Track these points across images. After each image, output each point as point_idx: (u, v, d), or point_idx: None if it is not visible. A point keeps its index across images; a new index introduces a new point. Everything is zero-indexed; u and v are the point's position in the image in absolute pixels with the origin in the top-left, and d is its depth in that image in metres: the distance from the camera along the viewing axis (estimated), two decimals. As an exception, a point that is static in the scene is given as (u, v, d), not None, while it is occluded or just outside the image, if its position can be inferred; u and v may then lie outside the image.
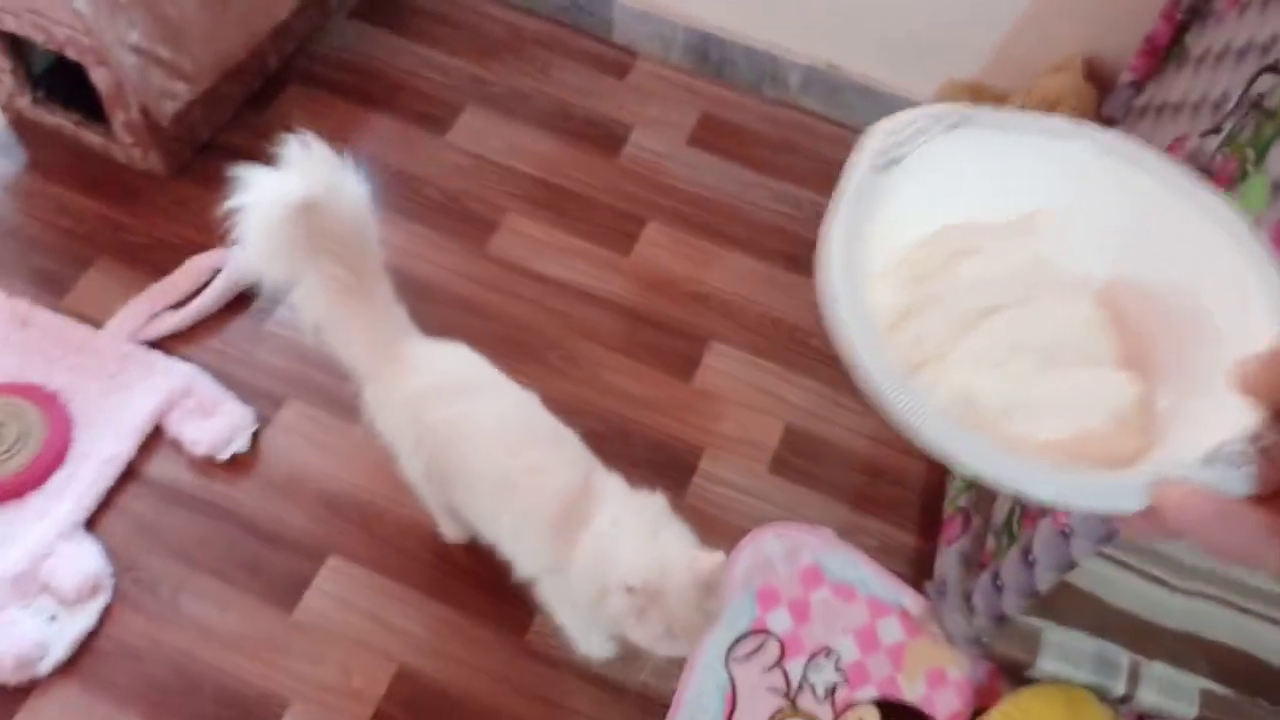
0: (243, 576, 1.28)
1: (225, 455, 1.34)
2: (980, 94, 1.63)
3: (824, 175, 1.76)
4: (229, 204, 0.94)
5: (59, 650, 1.19)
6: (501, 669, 1.26)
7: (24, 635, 1.17)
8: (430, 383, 1.07)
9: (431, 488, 1.18)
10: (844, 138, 1.81)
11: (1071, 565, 1.06)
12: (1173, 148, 1.18)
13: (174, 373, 1.39)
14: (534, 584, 1.16)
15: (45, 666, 1.18)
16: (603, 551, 0.98)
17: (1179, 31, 1.38)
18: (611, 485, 1.07)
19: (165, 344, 1.44)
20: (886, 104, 1.75)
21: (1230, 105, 1.02)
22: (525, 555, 1.11)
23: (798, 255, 1.66)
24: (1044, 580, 1.11)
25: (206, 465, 1.35)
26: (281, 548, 1.31)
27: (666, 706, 1.25)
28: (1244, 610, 1.06)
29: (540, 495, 1.03)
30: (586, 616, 1.09)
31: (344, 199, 0.99)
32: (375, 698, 1.22)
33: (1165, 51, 1.38)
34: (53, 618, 1.21)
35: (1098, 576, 1.10)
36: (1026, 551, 1.12)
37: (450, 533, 1.31)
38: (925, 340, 0.39)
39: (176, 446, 1.36)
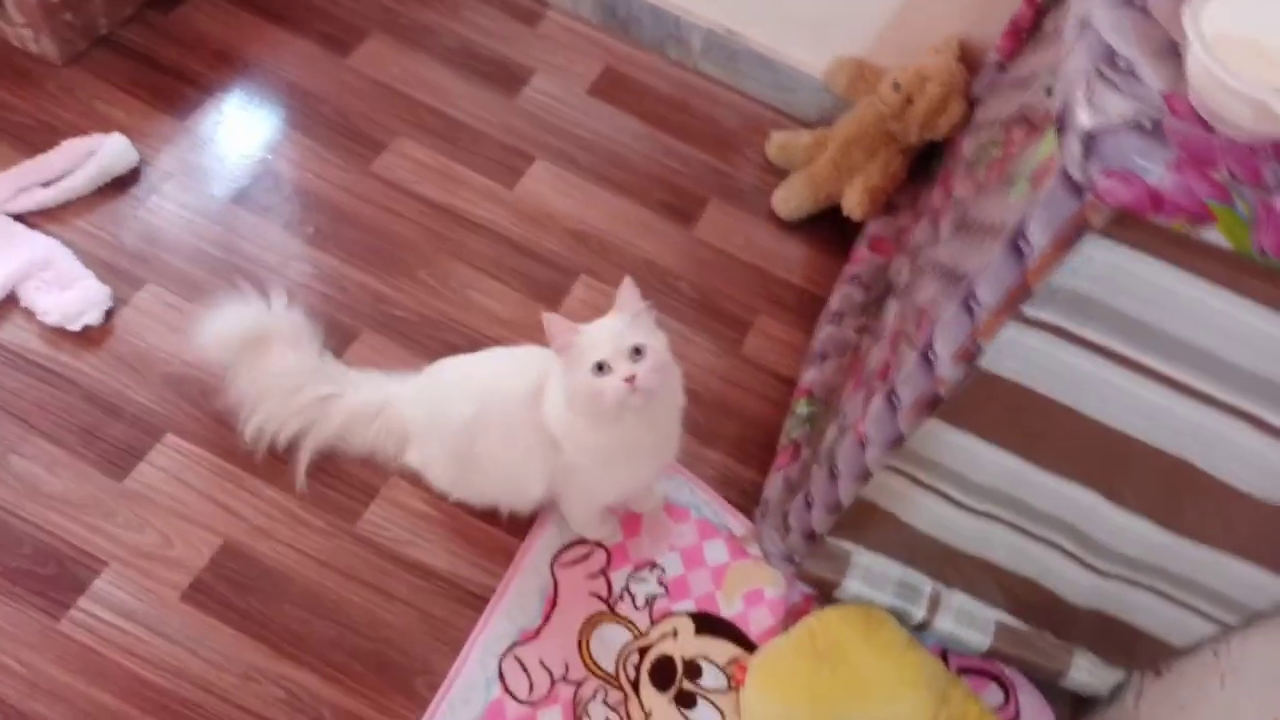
0: (77, 443, 1.29)
1: (76, 326, 1.35)
2: (863, 70, 1.71)
3: (712, 137, 1.82)
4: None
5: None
6: (328, 553, 1.27)
7: None
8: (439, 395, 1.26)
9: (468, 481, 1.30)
10: (736, 103, 1.88)
11: (867, 474, 1.12)
12: (1016, 117, 1.26)
13: (35, 244, 1.40)
14: (555, 497, 1.28)
15: None
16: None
17: (1039, 15, 1.46)
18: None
19: (32, 219, 1.45)
20: (780, 74, 1.82)
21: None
22: (535, 466, 1.20)
23: (678, 206, 1.72)
24: (846, 493, 1.16)
25: (56, 335, 1.36)
26: (120, 419, 1.32)
27: (485, 600, 1.28)
28: (1025, 532, 1.12)
29: (513, 398, 1.17)
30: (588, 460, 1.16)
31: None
32: (195, 568, 1.23)
33: (1027, 34, 1.47)
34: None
35: (893, 493, 1.15)
36: (832, 467, 1.18)
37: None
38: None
39: (29, 315, 1.36)
